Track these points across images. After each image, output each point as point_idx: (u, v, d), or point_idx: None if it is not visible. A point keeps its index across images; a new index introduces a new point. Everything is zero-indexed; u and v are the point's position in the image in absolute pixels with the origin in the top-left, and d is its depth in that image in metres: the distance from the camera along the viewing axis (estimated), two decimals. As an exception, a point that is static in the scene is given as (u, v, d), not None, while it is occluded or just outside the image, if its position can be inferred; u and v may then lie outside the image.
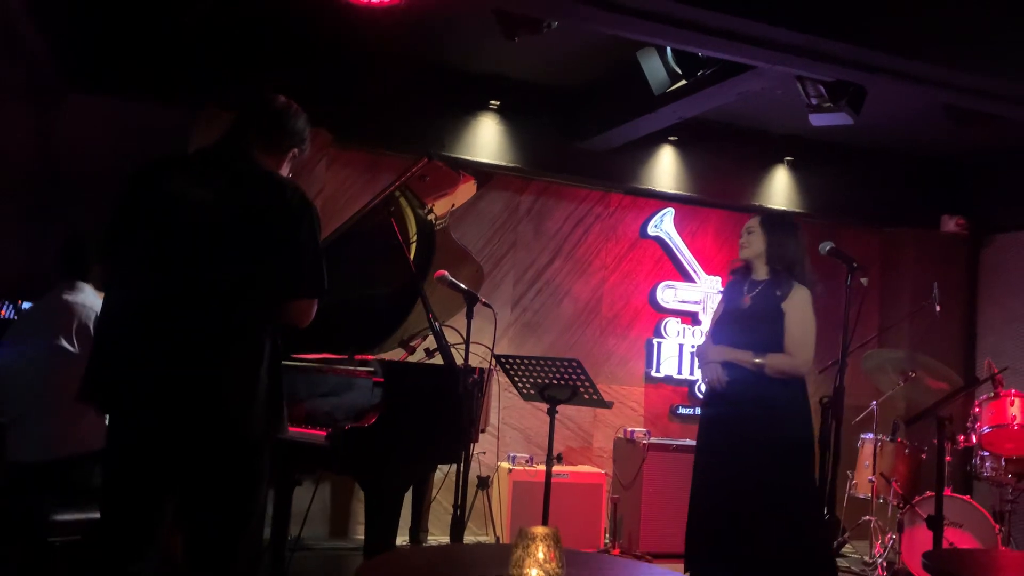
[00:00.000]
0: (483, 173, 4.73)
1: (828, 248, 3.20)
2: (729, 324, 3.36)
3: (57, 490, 2.98)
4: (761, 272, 3.37)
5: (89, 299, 3.15)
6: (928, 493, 4.85)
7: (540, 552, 1.74)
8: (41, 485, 3.01)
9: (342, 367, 3.60)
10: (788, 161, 6.28)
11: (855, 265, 3.10)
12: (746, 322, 3.30)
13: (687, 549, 3.34)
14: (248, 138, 2.41)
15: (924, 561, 2.41)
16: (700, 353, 3.54)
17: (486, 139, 5.57)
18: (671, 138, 5.88)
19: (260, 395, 2.24)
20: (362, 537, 4.43)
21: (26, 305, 4.64)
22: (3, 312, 4.65)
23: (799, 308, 3.28)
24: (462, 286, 3.45)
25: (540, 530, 1.76)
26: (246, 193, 2.30)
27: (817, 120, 4.42)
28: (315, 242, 2.31)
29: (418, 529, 4.48)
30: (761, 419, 3.19)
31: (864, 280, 3.09)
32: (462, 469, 3.31)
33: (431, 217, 4.13)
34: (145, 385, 2.22)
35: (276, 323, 2.32)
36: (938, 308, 5.17)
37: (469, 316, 3.42)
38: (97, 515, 2.62)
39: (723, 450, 3.23)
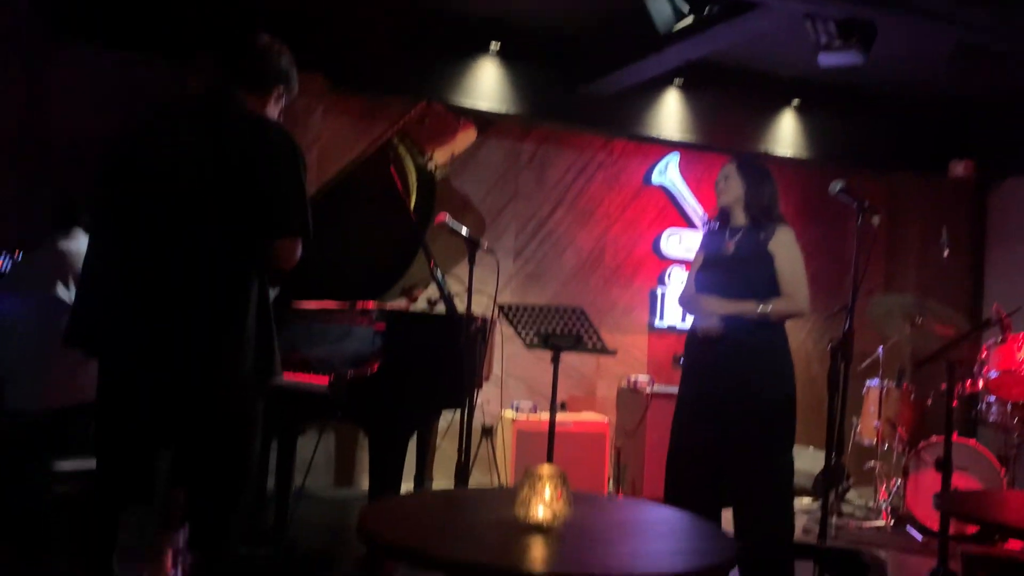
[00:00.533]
0: (483, 120, 4.64)
1: (839, 188, 3.11)
2: (713, 271, 3.27)
3: (57, 440, 2.96)
4: (740, 218, 3.29)
5: (84, 246, 3.09)
6: (934, 438, 4.84)
7: (547, 491, 1.71)
8: (41, 435, 2.98)
9: (344, 315, 3.55)
10: (795, 105, 6.15)
11: (866, 205, 3.02)
12: (732, 267, 3.21)
13: (666, 484, 3.34)
14: (231, 81, 2.39)
15: (935, 501, 2.38)
16: (686, 302, 3.42)
17: (486, 85, 5.45)
18: (676, 81, 5.75)
19: (248, 338, 2.22)
20: (367, 486, 4.44)
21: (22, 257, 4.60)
22: (1, 263, 4.61)
23: (788, 247, 3.20)
24: (464, 231, 3.39)
25: (547, 469, 1.72)
26: (228, 136, 2.28)
27: (826, 60, 4.31)
28: (298, 182, 2.27)
29: (423, 477, 4.48)
30: (759, 369, 3.13)
31: (876, 219, 3.01)
32: (466, 416, 3.28)
33: (431, 166, 4.06)
34: (129, 331, 2.22)
35: (263, 267, 2.29)
36: (946, 253, 5.10)
37: (471, 262, 3.37)
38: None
39: (712, 399, 3.16)
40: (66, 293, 2.95)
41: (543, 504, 1.70)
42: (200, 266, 2.21)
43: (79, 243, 3.14)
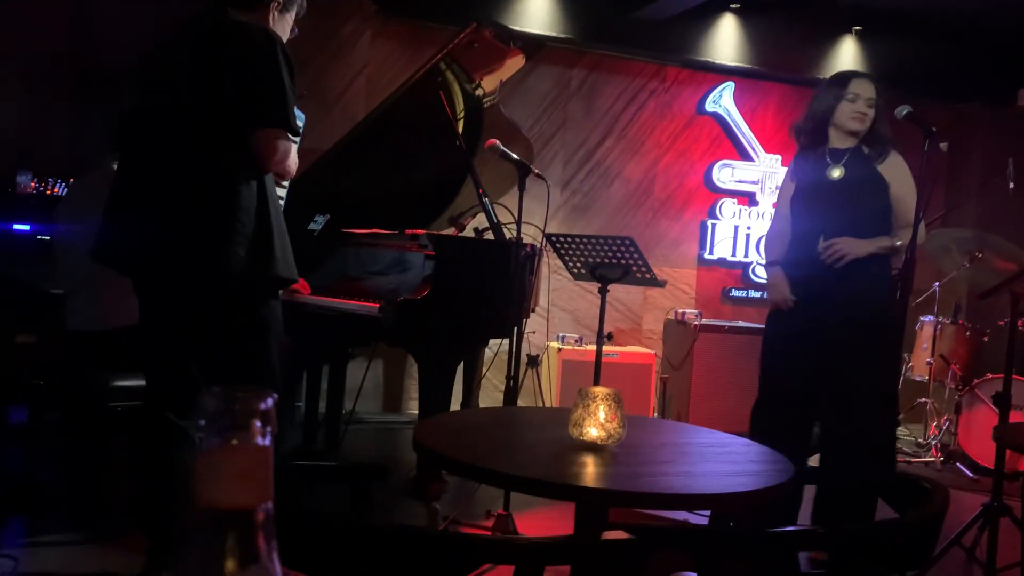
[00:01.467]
0: (532, 44, 4.51)
1: (905, 112, 2.97)
2: (816, 200, 3.04)
3: (115, 358, 3.03)
4: (845, 141, 3.08)
5: None
6: (989, 375, 4.74)
7: (601, 412, 1.70)
8: (100, 353, 3.06)
9: (393, 241, 3.55)
10: (856, 31, 5.91)
11: (933, 130, 2.88)
12: (842, 194, 3.01)
13: (753, 417, 3.24)
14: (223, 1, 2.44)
15: (995, 433, 2.33)
16: (781, 240, 3.18)
17: (535, 7, 5.31)
18: (732, 6, 5.54)
19: (239, 234, 2.24)
20: (415, 412, 4.50)
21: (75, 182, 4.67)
22: (56, 190, 4.69)
23: (905, 174, 3.04)
24: (514, 156, 3.33)
25: (601, 390, 1.71)
26: (212, 44, 2.33)
27: (893, -20, 4.10)
28: (276, 74, 2.27)
29: (469, 403, 4.53)
30: (861, 299, 2.99)
31: (944, 145, 2.88)
32: (514, 343, 3.27)
33: (479, 92, 3.99)
34: (130, 244, 2.35)
35: (252, 167, 2.30)
36: (1012, 185, 4.91)
37: (521, 188, 3.32)
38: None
39: (812, 333, 3.01)
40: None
41: (596, 424, 1.69)
42: (182, 169, 2.29)
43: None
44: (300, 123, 2.88)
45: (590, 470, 1.59)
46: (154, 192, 2.32)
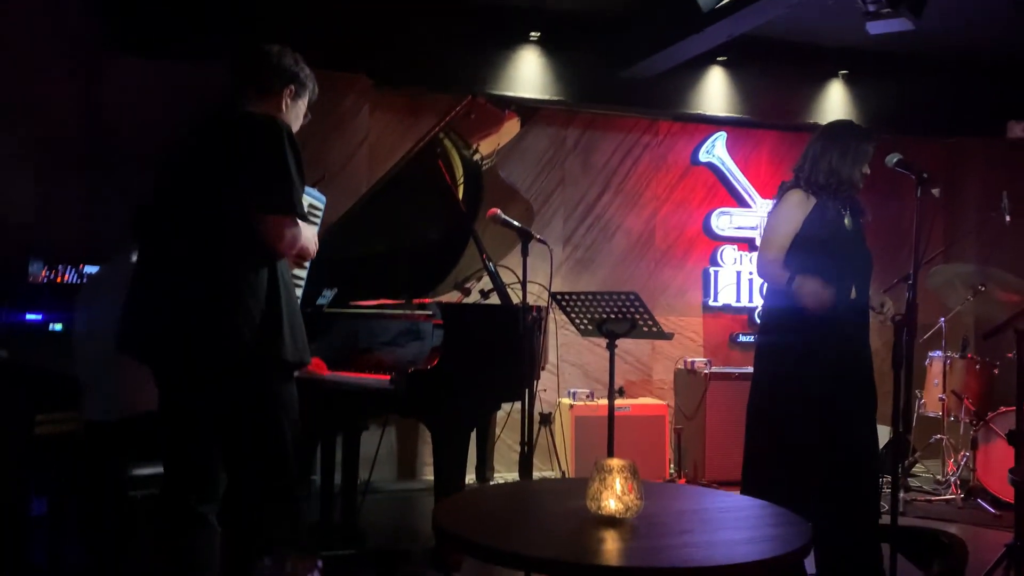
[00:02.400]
0: (527, 108, 4.65)
1: (896, 160, 3.03)
2: (843, 245, 3.11)
3: (134, 446, 3.05)
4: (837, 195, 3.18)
5: None
6: (1003, 408, 4.73)
7: (617, 484, 1.72)
8: (119, 442, 3.08)
9: (401, 312, 3.60)
10: (843, 75, 6.03)
11: (925, 176, 2.93)
12: (858, 244, 3.15)
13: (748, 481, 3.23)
14: (241, 87, 2.52)
15: (1011, 476, 2.33)
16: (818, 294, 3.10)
17: (528, 73, 5.44)
18: (719, 59, 5.67)
19: (246, 319, 2.29)
20: (430, 478, 4.49)
21: (88, 269, 4.74)
22: (66, 276, 4.75)
23: None
24: (516, 223, 3.39)
25: (617, 462, 1.73)
26: (222, 134, 2.41)
27: (875, 28, 4.20)
28: (282, 161, 2.33)
29: (484, 467, 4.52)
30: (868, 345, 3.11)
31: (936, 191, 2.93)
32: (526, 407, 3.29)
33: (477, 157, 4.07)
34: (146, 333, 2.40)
35: (264, 254, 2.36)
36: (1008, 218, 4.96)
37: (524, 254, 3.37)
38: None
39: (841, 372, 3.06)
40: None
41: (614, 497, 1.71)
42: (195, 259, 2.34)
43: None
44: (320, 204, 2.96)
45: (610, 547, 1.61)
46: (169, 282, 2.38)
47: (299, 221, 2.40)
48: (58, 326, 4.31)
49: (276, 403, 2.41)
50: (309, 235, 2.50)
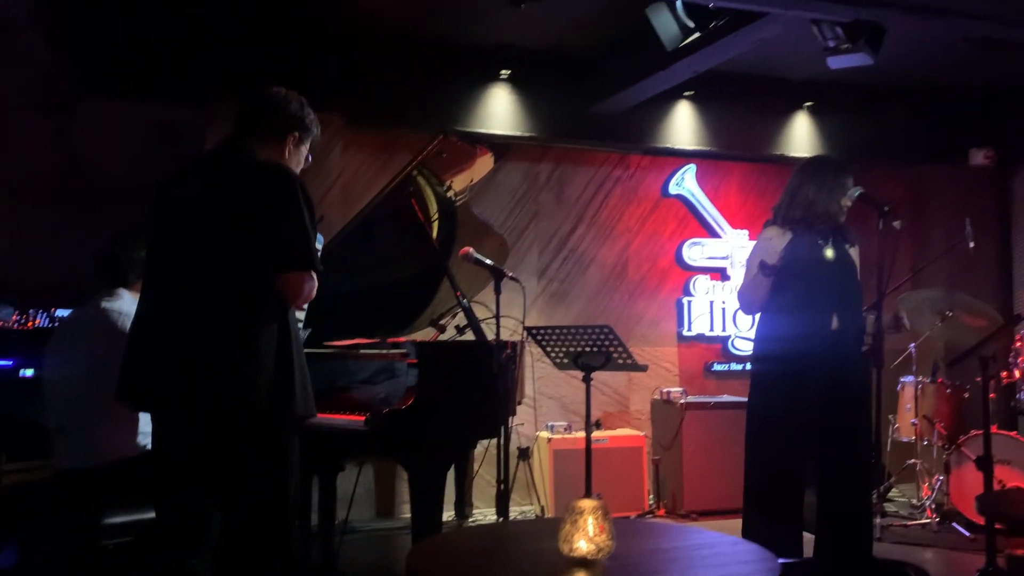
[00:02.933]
0: (499, 145, 4.70)
1: (858, 194, 3.12)
2: (821, 275, 3.18)
3: (106, 494, 3.02)
4: (818, 227, 3.26)
5: (126, 306, 3.16)
6: (974, 432, 4.80)
7: (589, 525, 1.74)
8: (90, 490, 3.05)
9: (376, 351, 3.60)
10: (808, 107, 6.16)
11: (886, 209, 3.02)
12: (842, 273, 3.22)
13: (749, 510, 3.26)
14: (246, 131, 2.49)
15: (977, 504, 2.37)
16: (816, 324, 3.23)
17: (500, 110, 5.52)
18: (687, 93, 5.78)
19: (263, 377, 2.27)
20: (408, 515, 4.47)
21: (59, 312, 4.70)
22: (37, 320, 4.71)
23: (859, 258, 3.32)
24: (488, 262, 3.43)
25: (588, 503, 1.75)
26: (233, 183, 2.37)
27: (836, 63, 4.32)
28: (299, 216, 2.32)
29: (463, 504, 4.51)
30: (861, 373, 3.14)
31: (897, 224, 3.01)
32: (502, 443, 3.31)
33: (450, 194, 4.11)
34: (157, 384, 2.33)
35: (279, 305, 2.35)
36: (971, 245, 5.06)
37: (497, 291, 3.40)
38: (146, 515, 2.67)
39: (824, 401, 3.12)
40: (108, 351, 3.00)
41: (586, 538, 1.73)
42: (210, 313, 2.30)
43: (122, 302, 3.20)
44: (320, 245, 2.96)
45: (582, 589, 1.62)
46: (179, 334, 2.31)
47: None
48: (29, 371, 4.27)
49: (283, 460, 2.38)
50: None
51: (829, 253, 3.20)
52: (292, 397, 2.33)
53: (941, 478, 4.97)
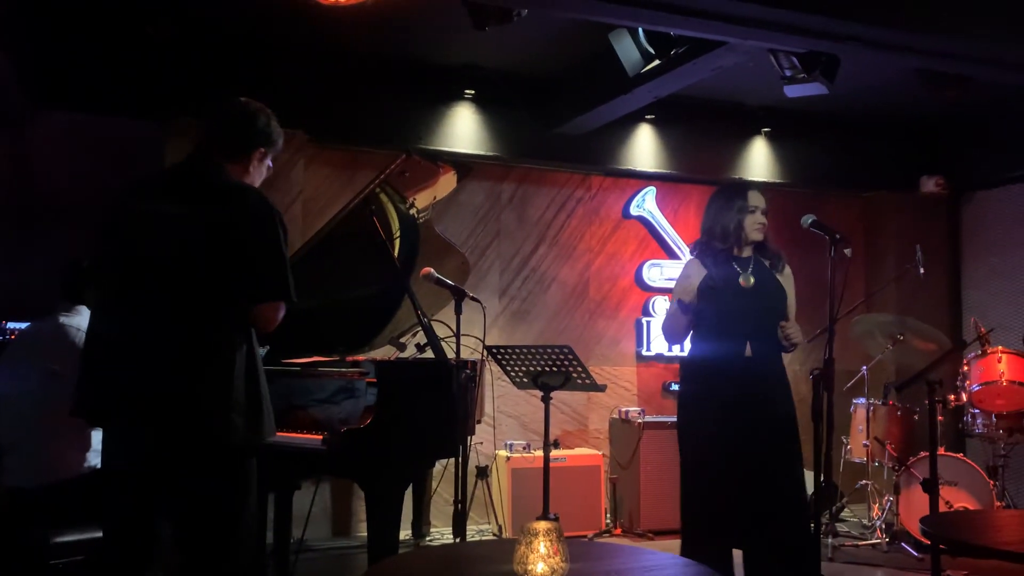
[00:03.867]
0: (463, 164, 4.74)
1: (810, 221, 3.20)
2: (736, 302, 3.22)
3: (56, 513, 2.97)
4: (745, 251, 3.32)
5: (84, 322, 3.12)
6: (923, 454, 4.91)
7: (543, 547, 1.76)
8: (40, 509, 3.00)
9: (335, 369, 3.59)
10: (765, 132, 6.30)
11: (838, 237, 3.10)
12: (760, 299, 3.23)
13: (685, 530, 3.31)
14: (212, 148, 2.47)
15: (922, 527, 2.44)
16: (683, 327, 3.37)
17: (463, 129, 5.55)
18: (648, 117, 5.88)
19: (237, 402, 2.27)
20: (365, 535, 4.45)
21: (10, 325, 4.62)
22: (-11, 334, 4.62)
23: (792, 280, 3.36)
24: (449, 283, 3.45)
25: (542, 525, 1.77)
26: (208, 205, 2.34)
27: (792, 91, 4.43)
28: (277, 246, 2.33)
29: (420, 523, 4.51)
30: (782, 396, 3.21)
31: (848, 251, 3.09)
32: (460, 463, 3.31)
33: (413, 211, 4.12)
34: (124, 401, 2.30)
35: (248, 330, 2.35)
36: (922, 271, 5.21)
37: (458, 311, 3.42)
38: (97, 534, 2.63)
39: (743, 429, 3.15)
40: (62, 368, 2.96)
41: (541, 560, 1.75)
42: (184, 334, 2.27)
43: (81, 319, 3.16)
44: None
45: (535, 611, 1.63)
46: (150, 351, 2.27)
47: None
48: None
49: (245, 481, 2.37)
50: None
51: (746, 280, 3.26)
52: (261, 421, 2.33)
53: (891, 499, 5.07)
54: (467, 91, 5.50)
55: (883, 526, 5.06)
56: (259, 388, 2.35)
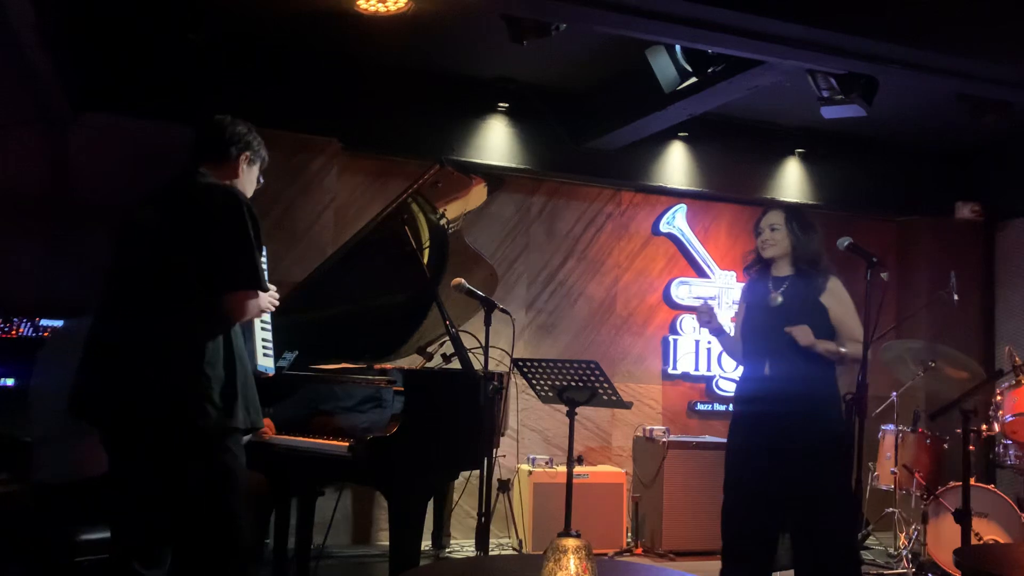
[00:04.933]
0: (494, 176, 4.76)
1: (847, 244, 3.16)
2: (761, 322, 3.28)
3: (83, 510, 2.99)
4: (784, 269, 3.32)
5: None
6: (952, 484, 4.82)
7: (572, 564, 1.74)
8: (67, 505, 3.02)
9: (363, 377, 3.60)
10: (799, 153, 6.24)
11: (875, 260, 3.07)
12: (782, 319, 3.21)
13: (725, 550, 3.29)
14: (199, 156, 2.61)
15: (956, 558, 2.39)
16: (731, 349, 3.50)
17: (495, 142, 5.56)
18: (681, 134, 5.85)
19: (207, 389, 2.32)
20: (385, 543, 4.44)
21: (44, 323, 4.67)
22: (20, 329, 4.67)
23: (842, 297, 3.28)
24: (480, 294, 3.44)
25: (571, 542, 1.75)
26: (182, 205, 2.46)
27: (829, 113, 4.40)
28: (243, 236, 2.38)
29: (441, 534, 4.49)
30: (810, 416, 3.16)
31: (884, 275, 3.06)
32: (485, 476, 3.30)
33: (443, 222, 4.13)
34: (101, 398, 2.40)
35: (223, 320, 2.40)
36: (956, 298, 5.12)
37: (488, 323, 3.41)
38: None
39: (768, 449, 3.16)
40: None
41: (569, 577, 1.73)
42: (153, 328, 2.36)
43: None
44: (264, 261, 2.98)
45: (563, 628, 1.61)
46: (124, 348, 2.38)
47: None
48: (9, 381, 4.23)
49: (226, 470, 2.41)
50: (266, 297, 2.54)
51: (776, 300, 3.28)
52: (234, 409, 2.37)
53: (918, 528, 4.98)
54: (500, 104, 5.51)
55: (909, 556, 4.96)
56: (234, 376, 2.39)
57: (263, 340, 2.87)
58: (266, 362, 2.87)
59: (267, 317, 2.89)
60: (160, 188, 2.63)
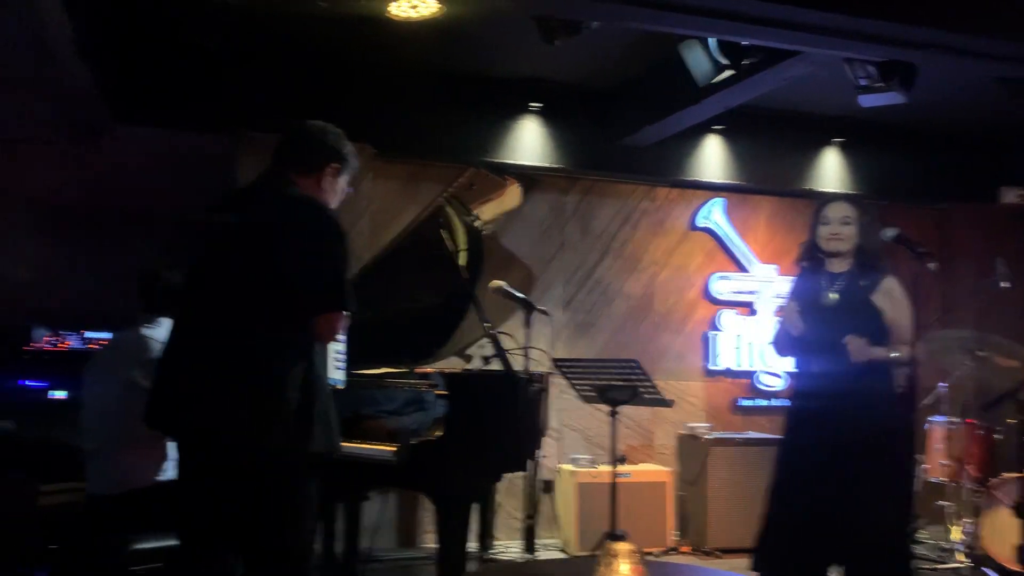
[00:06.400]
0: (527, 177, 4.75)
1: (892, 235, 3.09)
2: (818, 321, 3.16)
3: (135, 520, 3.04)
4: (841, 264, 3.21)
5: (165, 334, 3.19)
6: (1006, 475, 4.71)
7: (624, 568, 1.73)
8: (120, 516, 3.06)
9: (404, 380, 3.61)
10: (838, 142, 6.15)
11: (922, 251, 2.99)
12: (838, 317, 3.13)
13: (760, 548, 3.23)
14: (284, 163, 2.51)
15: (1017, 554, 2.33)
16: (785, 343, 3.32)
17: (528, 142, 5.55)
18: (716, 127, 5.79)
19: (284, 416, 2.27)
20: (430, 546, 4.46)
21: (90, 335, 4.76)
22: (68, 342, 4.78)
23: (899, 299, 3.15)
24: (520, 295, 3.44)
25: (623, 547, 1.74)
26: (272, 218, 2.38)
27: (867, 101, 4.32)
28: (336, 257, 2.34)
29: (486, 535, 4.49)
30: (867, 411, 3.09)
31: (932, 266, 2.98)
32: (531, 476, 3.30)
33: (478, 224, 4.14)
34: (182, 412, 2.35)
35: (308, 343, 2.35)
36: (1005, 284, 5.00)
37: (527, 324, 3.41)
38: (175, 542, 2.68)
39: (819, 447, 3.09)
40: (143, 379, 3.02)
41: (622, 581, 1.72)
42: (236, 348, 2.31)
43: (162, 330, 3.21)
44: None
45: (619, 633, 1.60)
46: (208, 363, 2.32)
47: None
48: (61, 393, 4.32)
49: (301, 499, 2.37)
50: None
51: (830, 297, 3.19)
52: (309, 435, 2.31)
53: (971, 521, 4.88)
54: (532, 104, 5.50)
55: (964, 550, 4.86)
56: (313, 402, 2.33)
57: (336, 352, 2.84)
58: (337, 375, 2.84)
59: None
60: (242, 193, 2.59)
